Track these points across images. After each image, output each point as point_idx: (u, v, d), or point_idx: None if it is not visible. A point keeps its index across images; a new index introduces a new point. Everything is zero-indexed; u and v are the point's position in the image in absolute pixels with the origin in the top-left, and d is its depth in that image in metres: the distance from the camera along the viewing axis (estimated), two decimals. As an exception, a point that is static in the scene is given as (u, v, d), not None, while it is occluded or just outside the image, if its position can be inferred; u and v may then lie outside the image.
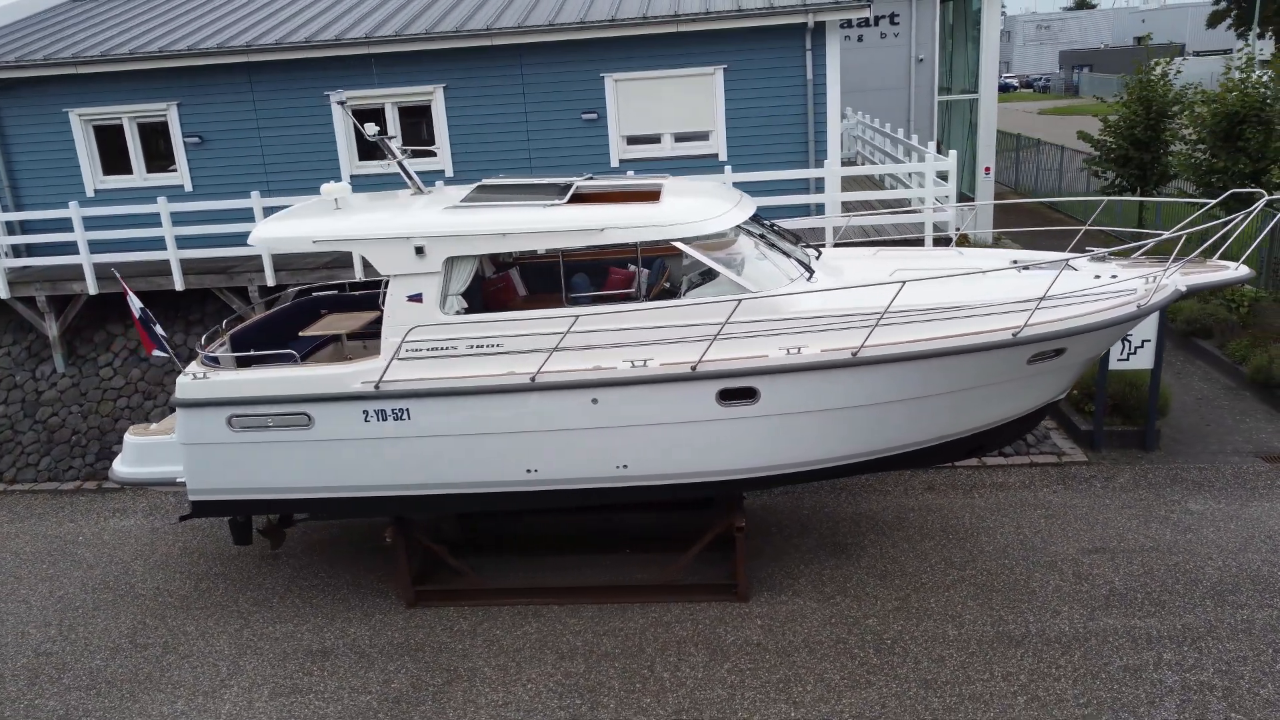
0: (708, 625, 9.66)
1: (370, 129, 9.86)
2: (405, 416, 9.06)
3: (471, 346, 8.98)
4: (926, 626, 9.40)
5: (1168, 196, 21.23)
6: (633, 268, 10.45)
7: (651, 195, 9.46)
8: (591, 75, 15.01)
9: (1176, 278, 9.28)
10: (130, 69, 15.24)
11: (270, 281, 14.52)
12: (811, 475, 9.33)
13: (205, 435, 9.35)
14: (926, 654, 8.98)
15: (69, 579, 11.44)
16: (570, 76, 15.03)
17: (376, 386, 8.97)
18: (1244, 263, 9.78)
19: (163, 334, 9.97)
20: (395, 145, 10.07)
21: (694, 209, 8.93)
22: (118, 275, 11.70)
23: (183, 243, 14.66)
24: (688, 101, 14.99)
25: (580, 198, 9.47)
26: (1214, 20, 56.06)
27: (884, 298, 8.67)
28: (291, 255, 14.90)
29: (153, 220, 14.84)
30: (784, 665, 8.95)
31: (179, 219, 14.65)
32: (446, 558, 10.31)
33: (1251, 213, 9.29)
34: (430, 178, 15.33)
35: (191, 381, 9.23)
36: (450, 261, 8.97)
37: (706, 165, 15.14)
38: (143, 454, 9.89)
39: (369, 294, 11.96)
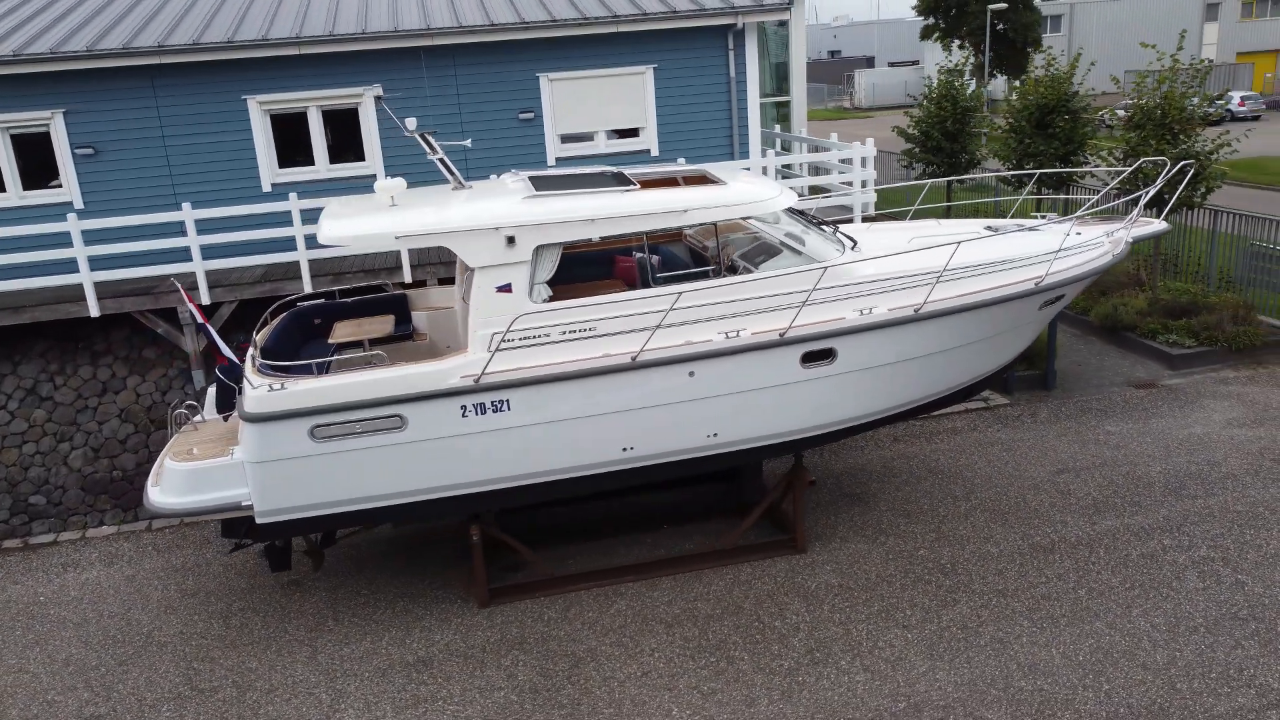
0: (784, 577, 10.35)
1: (410, 123, 9.69)
2: (505, 408, 9.03)
3: (564, 332, 9.12)
4: (971, 549, 10.65)
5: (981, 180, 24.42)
6: (638, 254, 10.97)
7: (705, 179, 10.01)
8: (527, 75, 15.14)
9: (1126, 232, 11.18)
10: (2, 73, 13.44)
11: (205, 300, 13.42)
12: (872, 425, 10.28)
13: (283, 450, 8.78)
14: (986, 570, 10.21)
15: (60, 640, 10.15)
16: (506, 77, 15.07)
17: (477, 380, 8.88)
18: (1163, 218, 11.93)
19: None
20: (435, 140, 9.93)
21: (761, 190, 9.61)
22: (180, 288, 10.54)
23: (97, 264, 13.17)
24: (620, 99, 15.52)
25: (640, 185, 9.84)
26: (926, 33, 63.59)
27: (927, 260, 9.82)
28: (227, 271, 13.85)
29: (52, 241, 13.22)
30: (875, 599, 9.83)
31: (91, 237, 13.17)
32: (524, 551, 10.28)
33: (1167, 175, 11.43)
34: (360, 184, 14.83)
35: (268, 394, 8.64)
36: (539, 250, 9.07)
37: (639, 160, 15.75)
38: (197, 480, 9.03)
39: (361, 300, 11.59)
